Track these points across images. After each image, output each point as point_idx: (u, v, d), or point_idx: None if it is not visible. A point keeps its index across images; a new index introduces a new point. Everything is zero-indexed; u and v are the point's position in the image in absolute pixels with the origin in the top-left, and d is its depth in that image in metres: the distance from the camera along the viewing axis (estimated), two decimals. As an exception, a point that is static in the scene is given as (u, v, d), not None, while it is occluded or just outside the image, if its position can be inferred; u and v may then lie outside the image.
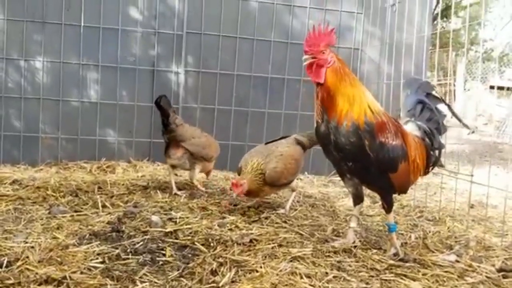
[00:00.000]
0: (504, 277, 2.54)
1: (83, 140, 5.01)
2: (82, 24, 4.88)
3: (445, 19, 18.13)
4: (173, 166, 4.02)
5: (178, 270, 2.36)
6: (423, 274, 2.46)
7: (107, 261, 2.42)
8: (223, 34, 5.17)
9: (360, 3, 5.40)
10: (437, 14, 9.73)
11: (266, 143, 3.68)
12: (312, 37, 2.60)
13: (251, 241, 2.80)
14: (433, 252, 2.87)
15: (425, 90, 3.00)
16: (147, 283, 2.21)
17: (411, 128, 2.88)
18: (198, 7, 5.11)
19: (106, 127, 5.09)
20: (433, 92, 3.00)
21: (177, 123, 3.91)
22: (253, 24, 5.23)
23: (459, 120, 3.09)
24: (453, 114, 3.08)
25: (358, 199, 2.84)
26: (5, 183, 3.94)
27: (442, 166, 3.16)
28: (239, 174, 3.45)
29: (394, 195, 2.87)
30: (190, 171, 4.05)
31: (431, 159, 2.89)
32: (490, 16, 25.14)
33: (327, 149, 2.69)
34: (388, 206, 2.77)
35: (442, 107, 3.02)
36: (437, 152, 2.93)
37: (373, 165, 2.59)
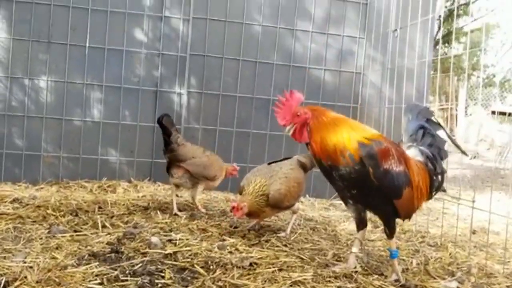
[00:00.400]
0: (507, 305, 2.51)
1: (84, 159, 5.02)
2: (87, 45, 4.94)
3: (446, 44, 18.30)
4: (177, 186, 4.01)
5: (177, 293, 2.34)
6: (424, 301, 2.44)
7: (105, 283, 2.40)
8: (226, 56, 5.22)
9: (362, 28, 5.46)
10: (439, 39, 9.83)
11: (269, 163, 3.67)
12: (282, 109, 2.69)
13: (251, 264, 2.77)
14: (434, 278, 2.84)
15: (425, 116, 3.00)
16: (145, 306, 2.19)
17: (413, 153, 2.87)
18: (202, 30, 5.18)
19: (108, 146, 5.11)
20: (432, 118, 3.02)
21: (179, 142, 3.92)
22: (256, 47, 5.28)
23: (457, 145, 3.10)
24: (451, 139, 3.09)
25: (361, 224, 2.82)
26: (5, 202, 3.93)
27: (444, 191, 3.16)
28: (240, 194, 3.43)
29: (397, 220, 2.85)
30: (191, 190, 4.04)
31: (434, 184, 2.88)
32: (491, 42, 25.41)
33: (331, 178, 2.70)
34: (390, 232, 2.76)
35: (441, 132, 3.03)
36: (439, 177, 2.92)
37: (378, 192, 2.59)
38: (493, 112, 14.73)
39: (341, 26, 5.43)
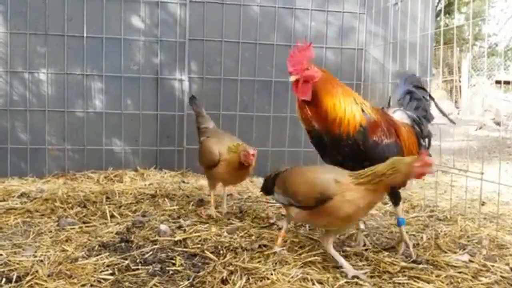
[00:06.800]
0: (519, 276, 2.50)
1: (89, 150, 5.01)
2: (85, 35, 4.89)
3: (447, 15, 18.06)
4: None
5: (188, 279, 2.34)
6: (436, 276, 2.43)
7: (116, 273, 2.40)
8: (225, 39, 5.16)
9: (362, 3, 5.37)
10: (440, 10, 9.68)
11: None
12: (294, 56, 2.62)
13: (260, 247, 2.78)
14: (445, 252, 2.83)
15: (412, 82, 3.08)
16: (157, 294, 2.19)
17: (400, 116, 2.93)
18: (200, 14, 5.11)
19: (112, 136, 5.09)
20: (419, 85, 3.09)
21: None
22: (255, 28, 5.21)
23: (443, 114, 3.16)
24: (438, 108, 3.14)
25: None
26: (13, 196, 3.94)
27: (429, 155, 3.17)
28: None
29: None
30: None
31: (421, 148, 2.92)
32: (493, 11, 25.03)
33: (324, 152, 2.70)
34: (395, 199, 2.80)
35: (428, 97, 3.11)
36: (426, 140, 2.98)
37: (370, 164, 2.60)
38: (497, 82, 14.57)
39: (340, 2, 5.34)
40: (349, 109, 2.60)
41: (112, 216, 3.43)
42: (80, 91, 4.97)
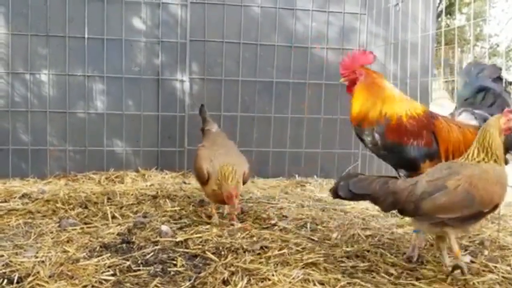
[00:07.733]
0: (521, 277, 2.49)
1: (91, 151, 5.01)
2: (86, 36, 4.89)
3: (448, 16, 18.07)
4: None
5: (189, 280, 2.34)
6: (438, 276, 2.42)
7: (118, 274, 2.40)
8: (226, 40, 5.16)
9: (363, 4, 5.37)
10: (441, 11, 9.69)
11: None
12: (347, 61, 2.86)
13: (261, 248, 2.77)
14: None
15: (491, 75, 2.89)
16: (159, 295, 2.19)
17: (465, 118, 2.85)
18: (201, 15, 5.11)
19: (113, 137, 5.10)
20: (499, 75, 2.90)
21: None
22: (256, 29, 5.22)
23: None
24: None
25: None
26: (14, 197, 3.94)
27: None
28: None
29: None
30: None
31: None
32: (494, 11, 25.01)
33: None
34: None
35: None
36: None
37: (392, 162, 2.74)
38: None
39: (341, 3, 5.35)
40: (372, 106, 2.74)
41: (113, 217, 3.43)
42: (82, 92, 4.97)
